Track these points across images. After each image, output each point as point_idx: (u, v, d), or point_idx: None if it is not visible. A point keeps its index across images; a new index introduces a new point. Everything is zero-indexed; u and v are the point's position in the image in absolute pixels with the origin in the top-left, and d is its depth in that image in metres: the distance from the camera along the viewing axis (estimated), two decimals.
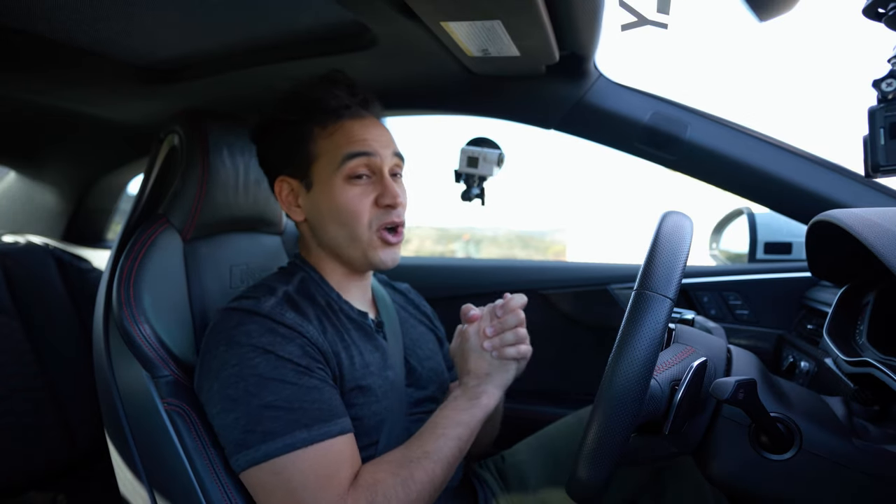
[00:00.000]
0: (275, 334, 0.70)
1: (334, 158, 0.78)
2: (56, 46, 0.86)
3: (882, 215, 0.58)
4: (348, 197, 0.78)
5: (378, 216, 0.79)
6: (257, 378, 0.67)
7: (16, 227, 1.54)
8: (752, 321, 1.16)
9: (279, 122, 0.82)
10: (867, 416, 0.62)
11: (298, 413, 0.67)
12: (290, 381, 0.68)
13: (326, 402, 0.69)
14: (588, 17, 0.79)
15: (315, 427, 0.67)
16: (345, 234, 0.79)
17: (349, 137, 0.79)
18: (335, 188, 0.78)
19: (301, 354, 0.70)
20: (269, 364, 0.68)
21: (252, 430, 0.66)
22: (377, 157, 0.79)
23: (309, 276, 0.83)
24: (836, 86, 26.56)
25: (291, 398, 0.67)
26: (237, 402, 0.68)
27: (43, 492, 1.24)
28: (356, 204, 0.78)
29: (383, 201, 0.79)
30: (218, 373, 0.70)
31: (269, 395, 0.67)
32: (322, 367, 0.72)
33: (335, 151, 0.79)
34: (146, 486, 0.77)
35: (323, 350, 0.74)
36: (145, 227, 0.85)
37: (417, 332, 0.95)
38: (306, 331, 0.73)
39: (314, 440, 0.66)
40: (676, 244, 0.54)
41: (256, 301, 0.74)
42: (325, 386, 0.71)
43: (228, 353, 0.70)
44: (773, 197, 1.03)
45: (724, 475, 0.57)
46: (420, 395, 0.88)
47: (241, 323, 0.71)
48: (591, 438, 0.50)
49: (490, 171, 1.12)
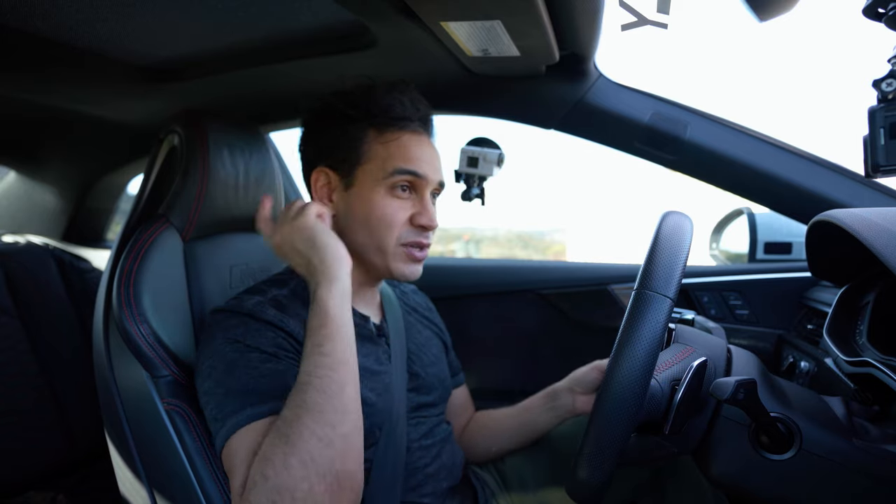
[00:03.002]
0: (247, 327, 0.71)
1: (384, 167, 0.78)
2: (56, 46, 0.86)
3: (882, 215, 0.58)
4: (387, 208, 0.77)
5: (409, 234, 0.79)
6: (224, 366, 0.68)
7: (16, 227, 1.54)
8: (752, 321, 1.16)
9: (339, 114, 0.80)
10: (867, 416, 0.62)
11: (253, 395, 0.66)
12: (254, 366, 0.68)
13: (288, 382, 0.66)
14: (588, 17, 0.79)
15: (272, 403, 0.65)
16: (373, 243, 0.79)
17: (404, 152, 0.78)
18: (376, 195, 0.78)
19: (270, 343, 0.70)
20: (235, 351, 0.69)
21: (216, 419, 0.67)
22: (424, 180, 0.79)
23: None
24: (837, 86, 26.59)
25: (249, 382, 0.67)
26: (209, 394, 0.69)
27: (43, 492, 1.24)
28: (392, 216, 0.78)
29: (419, 220, 0.79)
30: (199, 368, 0.72)
31: (233, 380, 0.67)
32: (294, 358, 0.70)
33: (387, 161, 0.78)
34: (146, 485, 0.77)
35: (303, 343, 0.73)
36: (145, 227, 0.85)
37: (423, 337, 0.94)
38: (286, 325, 0.72)
39: (259, 416, 0.64)
40: (676, 244, 0.54)
41: (240, 301, 0.75)
42: (290, 371, 0.68)
43: (206, 349, 0.72)
44: (773, 197, 1.03)
45: (724, 475, 0.57)
46: (422, 400, 0.87)
47: (222, 320, 0.73)
48: (591, 438, 0.51)
49: (490, 171, 1.12)
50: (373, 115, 0.79)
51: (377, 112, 0.78)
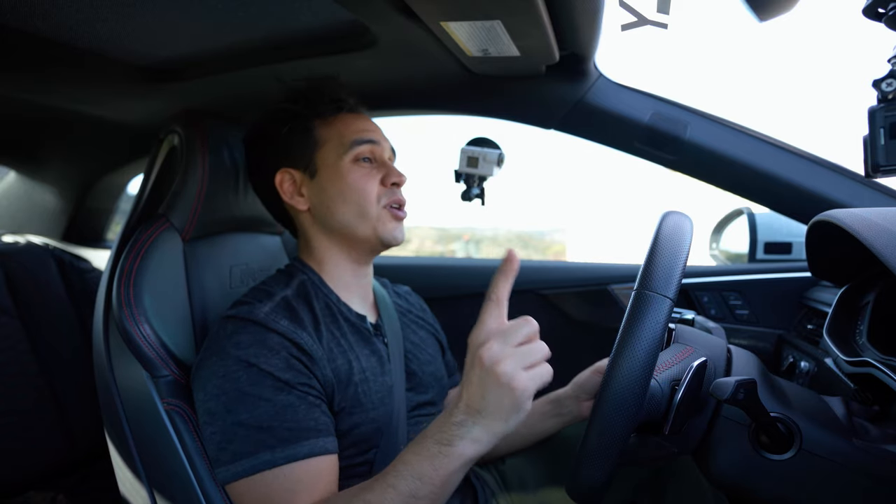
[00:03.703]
0: (262, 346, 0.70)
1: (342, 143, 0.83)
2: (56, 46, 0.86)
3: (882, 215, 0.58)
4: (357, 176, 0.82)
5: (385, 194, 0.83)
6: (236, 392, 0.67)
7: (16, 227, 1.54)
8: (752, 321, 1.16)
9: (281, 114, 0.86)
10: (867, 416, 0.62)
11: (266, 433, 0.66)
12: (266, 397, 0.67)
13: (299, 421, 0.68)
14: (588, 17, 0.79)
15: (279, 449, 0.66)
16: (354, 212, 0.82)
17: (353, 127, 0.85)
18: (343, 169, 0.82)
19: (284, 367, 0.69)
20: (249, 378, 0.68)
21: (224, 448, 0.67)
22: (379, 146, 0.85)
23: (308, 278, 0.83)
24: (837, 86, 26.61)
25: (263, 417, 0.66)
26: (215, 416, 0.68)
27: (43, 492, 1.24)
28: (364, 182, 0.82)
29: (389, 180, 0.83)
30: (205, 384, 0.70)
31: (243, 411, 0.67)
32: (305, 381, 0.71)
33: (341, 137, 0.83)
34: (146, 486, 0.77)
35: (315, 357, 0.73)
36: (145, 227, 0.85)
37: (418, 337, 0.95)
38: (299, 338, 0.72)
39: (276, 463, 0.65)
40: (676, 244, 0.54)
41: (252, 307, 0.74)
42: (301, 403, 0.69)
43: (217, 364, 0.70)
44: (773, 197, 1.03)
45: (724, 475, 0.57)
46: (420, 399, 0.87)
47: (234, 332, 0.72)
48: (591, 438, 0.51)
49: (490, 171, 1.12)
50: (314, 105, 0.84)
51: (316, 100, 0.84)
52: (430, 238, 9.23)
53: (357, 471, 0.76)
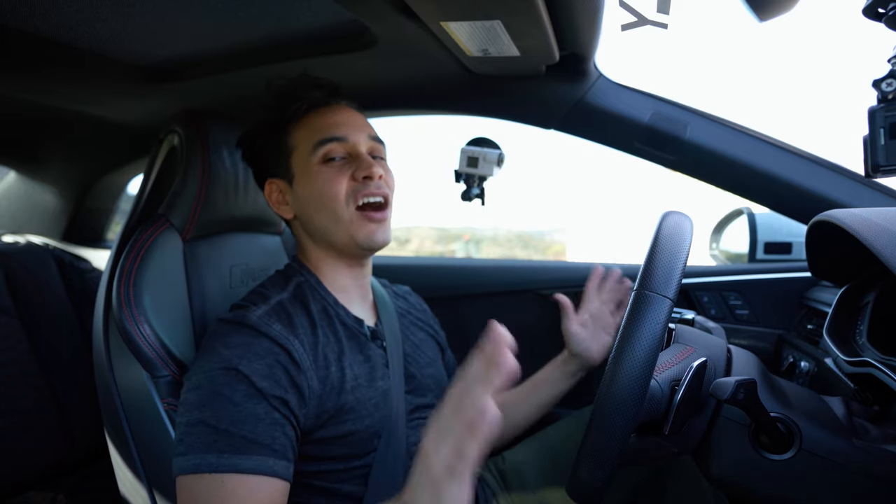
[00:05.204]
0: (248, 349, 0.69)
1: (308, 146, 0.81)
2: (56, 46, 0.85)
3: (882, 215, 0.58)
4: (324, 179, 0.79)
5: (355, 189, 0.79)
6: (210, 390, 0.66)
7: (16, 227, 1.54)
8: (752, 321, 1.16)
9: (257, 125, 0.86)
10: (867, 416, 0.62)
11: (222, 436, 0.64)
12: (236, 401, 0.65)
13: (258, 434, 0.65)
14: (588, 17, 0.79)
15: (227, 455, 0.63)
16: (327, 217, 0.80)
17: (319, 125, 0.81)
18: (312, 174, 0.80)
19: (265, 374, 0.67)
20: (227, 379, 0.67)
21: (182, 440, 0.66)
22: (349, 141, 0.81)
23: (306, 280, 0.83)
24: (837, 86, 26.59)
25: (224, 419, 0.65)
26: (186, 407, 0.68)
27: (43, 492, 1.24)
28: (332, 183, 0.79)
29: (358, 174, 0.79)
30: (190, 376, 0.70)
31: (209, 410, 0.65)
32: (280, 395, 0.68)
33: (307, 140, 0.81)
34: (146, 485, 0.77)
35: (303, 366, 0.71)
36: (145, 227, 0.85)
37: (418, 338, 0.94)
38: (289, 344, 0.71)
39: (218, 468, 0.62)
40: (676, 244, 0.54)
41: (246, 311, 0.74)
42: (266, 417, 0.66)
43: (203, 360, 0.70)
44: (773, 197, 1.03)
45: (724, 475, 0.57)
46: (419, 402, 0.87)
47: (226, 333, 0.71)
48: (591, 438, 0.50)
49: (490, 171, 1.12)
50: (282, 109, 0.83)
51: (284, 104, 0.82)
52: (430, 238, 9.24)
53: (355, 473, 0.76)
